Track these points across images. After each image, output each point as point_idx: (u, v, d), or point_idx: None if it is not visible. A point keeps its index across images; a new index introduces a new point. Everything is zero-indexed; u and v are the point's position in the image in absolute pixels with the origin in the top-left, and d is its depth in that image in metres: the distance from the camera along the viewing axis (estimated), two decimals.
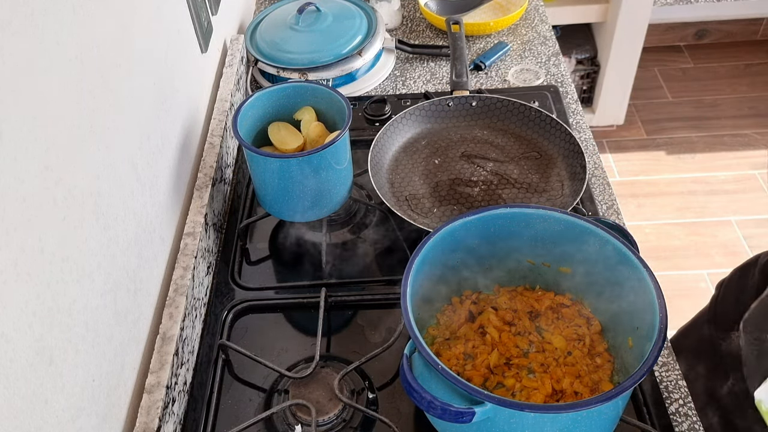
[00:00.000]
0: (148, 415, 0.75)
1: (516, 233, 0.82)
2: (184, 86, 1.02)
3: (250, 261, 1.03)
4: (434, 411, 0.64)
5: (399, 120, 1.13)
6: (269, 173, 0.95)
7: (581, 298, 0.85)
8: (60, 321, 0.61)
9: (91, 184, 0.69)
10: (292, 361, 0.89)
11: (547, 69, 1.35)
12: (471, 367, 0.78)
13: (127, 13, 0.82)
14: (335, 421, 0.82)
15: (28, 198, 0.57)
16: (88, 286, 0.67)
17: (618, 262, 0.76)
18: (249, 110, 0.98)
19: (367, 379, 0.87)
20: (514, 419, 0.64)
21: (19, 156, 0.55)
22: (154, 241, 0.86)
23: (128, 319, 0.77)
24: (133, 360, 0.78)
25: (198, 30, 1.10)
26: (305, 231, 1.06)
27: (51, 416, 0.58)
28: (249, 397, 0.86)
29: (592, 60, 2.58)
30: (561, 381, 0.76)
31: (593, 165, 1.14)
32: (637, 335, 0.74)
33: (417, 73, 1.37)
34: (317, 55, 1.26)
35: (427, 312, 0.84)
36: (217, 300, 0.96)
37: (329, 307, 0.94)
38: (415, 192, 1.06)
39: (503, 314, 0.83)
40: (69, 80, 0.66)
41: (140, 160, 0.83)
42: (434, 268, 0.80)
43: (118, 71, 0.78)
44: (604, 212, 1.07)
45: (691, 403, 0.84)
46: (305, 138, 1.01)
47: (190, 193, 1.01)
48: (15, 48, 0.56)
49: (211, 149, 1.06)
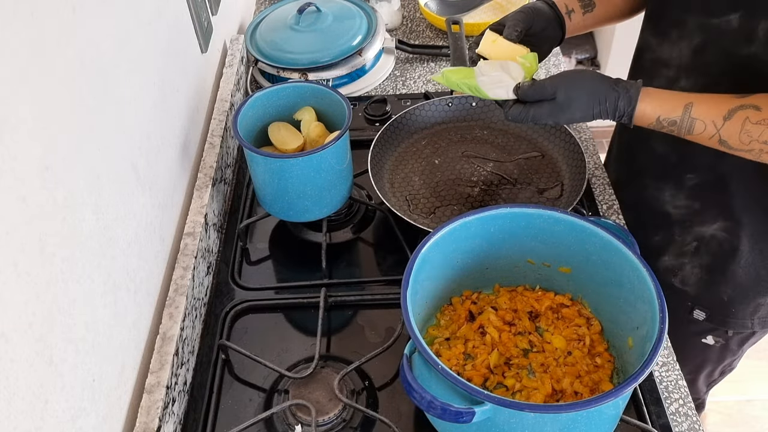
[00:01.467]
0: (148, 415, 0.75)
1: (516, 233, 0.82)
2: (184, 86, 1.02)
3: (250, 261, 1.03)
4: (434, 411, 0.64)
5: (399, 120, 1.13)
6: (269, 173, 0.94)
7: (581, 298, 0.85)
8: (60, 321, 0.61)
9: (91, 184, 0.69)
10: (292, 361, 0.89)
11: (547, 69, 1.35)
12: (471, 367, 0.78)
13: (127, 13, 0.82)
14: (335, 421, 0.82)
15: (28, 198, 0.57)
16: (88, 286, 0.67)
17: (618, 262, 0.76)
18: (249, 110, 0.98)
19: (367, 379, 0.87)
20: (514, 419, 0.64)
21: (19, 156, 0.55)
22: (154, 241, 0.86)
23: (128, 319, 0.77)
24: (133, 360, 0.78)
25: (198, 30, 1.10)
26: (305, 231, 1.06)
27: (51, 416, 0.58)
28: (249, 397, 0.86)
29: (592, 60, 2.58)
30: (561, 381, 0.76)
31: (593, 165, 1.14)
32: (637, 335, 0.74)
33: (417, 73, 1.37)
34: (317, 55, 1.26)
35: (427, 312, 0.84)
36: (217, 300, 0.96)
37: (329, 307, 0.94)
38: (415, 192, 1.06)
39: (503, 314, 0.83)
40: (69, 80, 0.66)
41: (140, 160, 0.83)
42: (434, 268, 0.80)
43: (118, 71, 0.78)
44: (604, 212, 1.07)
45: (691, 403, 0.84)
46: (305, 138, 1.01)
47: (190, 193, 1.01)
48: (15, 48, 0.56)
49: (211, 149, 1.06)
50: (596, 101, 0.81)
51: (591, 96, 0.82)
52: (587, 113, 0.82)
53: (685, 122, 0.80)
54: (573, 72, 0.85)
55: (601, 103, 0.81)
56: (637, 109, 0.81)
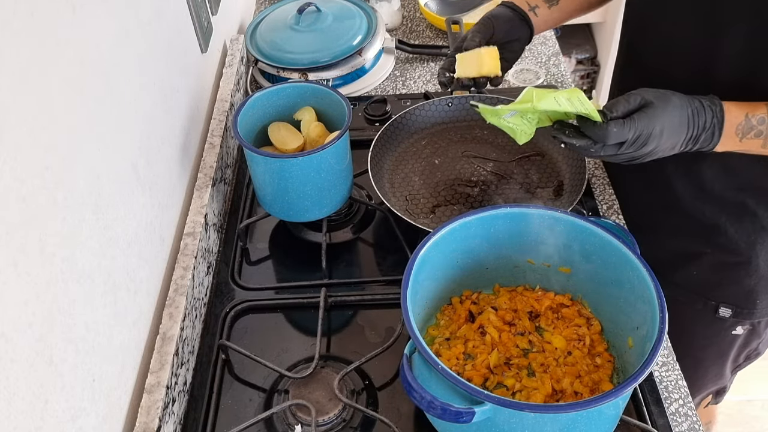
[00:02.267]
0: (148, 415, 0.75)
1: (516, 233, 0.82)
2: (184, 86, 1.02)
3: (250, 261, 1.03)
4: (434, 411, 0.64)
5: (399, 120, 1.13)
6: (269, 173, 0.95)
7: (581, 298, 0.85)
8: (60, 321, 0.61)
9: (91, 184, 0.69)
10: (292, 361, 0.89)
11: (547, 69, 1.35)
12: (471, 367, 0.78)
13: (127, 13, 0.82)
14: (335, 421, 0.82)
15: (28, 198, 0.57)
16: (88, 286, 0.67)
17: (618, 262, 0.76)
18: (249, 110, 0.98)
19: (367, 379, 0.87)
20: (514, 419, 0.64)
21: (19, 156, 0.55)
22: (154, 241, 0.86)
23: (128, 319, 0.77)
24: (133, 360, 0.78)
25: (198, 30, 1.10)
26: (305, 231, 1.06)
27: (51, 416, 0.58)
28: (249, 397, 0.86)
29: (592, 60, 2.58)
30: (561, 381, 0.76)
31: (593, 165, 1.14)
32: (637, 335, 0.74)
33: (417, 73, 1.37)
34: (317, 55, 1.26)
35: (427, 312, 0.84)
36: (217, 300, 0.96)
37: (329, 307, 0.94)
38: (415, 192, 1.06)
39: (503, 314, 0.83)
40: (69, 80, 0.66)
41: (140, 160, 0.83)
42: (434, 268, 0.80)
43: (118, 71, 0.78)
44: (604, 212, 1.07)
45: (691, 403, 0.84)
46: (305, 138, 1.01)
47: (190, 193, 1.01)
48: (15, 48, 0.56)
49: (211, 149, 1.06)
50: (686, 127, 0.75)
51: (681, 124, 0.74)
52: (676, 144, 0.76)
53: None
54: (657, 101, 0.75)
55: (689, 128, 0.75)
56: (726, 112, 0.76)
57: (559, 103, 0.73)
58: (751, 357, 1.20)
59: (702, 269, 1.04)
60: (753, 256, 0.99)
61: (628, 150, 0.75)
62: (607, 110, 0.74)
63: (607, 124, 0.73)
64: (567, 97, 0.74)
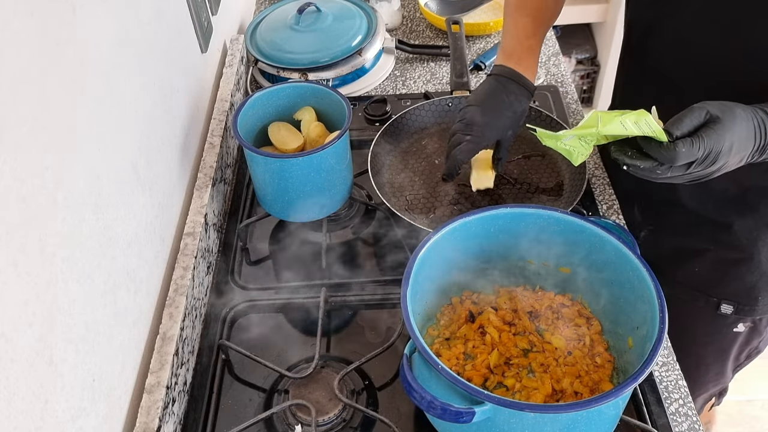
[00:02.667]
0: (148, 415, 0.75)
1: (516, 233, 0.82)
2: (184, 86, 1.02)
3: (250, 261, 1.03)
4: (434, 411, 0.64)
5: (399, 120, 1.13)
6: (269, 173, 0.95)
7: (581, 298, 0.85)
8: (60, 321, 0.61)
9: (91, 184, 0.69)
10: (292, 361, 0.89)
11: (547, 69, 1.35)
12: (471, 367, 0.78)
13: (127, 13, 0.82)
14: (335, 421, 0.82)
15: (28, 198, 0.57)
16: (88, 286, 0.67)
17: (618, 262, 0.76)
18: (249, 110, 0.98)
19: (367, 379, 0.87)
20: (514, 419, 0.64)
21: (19, 156, 0.55)
22: (154, 241, 0.86)
23: (128, 319, 0.77)
24: (133, 360, 0.78)
25: (198, 30, 1.10)
26: (305, 231, 1.06)
27: (51, 416, 0.58)
28: (249, 397, 0.86)
29: (592, 60, 2.58)
30: (561, 381, 0.76)
31: (593, 165, 1.14)
32: (637, 335, 0.74)
33: (417, 73, 1.37)
34: (317, 55, 1.26)
35: (427, 312, 0.84)
36: (217, 300, 0.96)
37: (329, 307, 0.94)
38: (415, 192, 1.06)
39: (503, 314, 0.83)
40: (69, 80, 0.66)
41: (140, 160, 0.83)
42: (434, 268, 0.80)
43: (118, 71, 0.78)
44: (604, 212, 1.07)
45: (691, 403, 0.84)
46: (305, 138, 1.01)
47: (190, 193, 1.01)
48: (15, 48, 0.56)
49: (211, 149, 1.06)
50: (752, 140, 0.71)
51: (748, 137, 0.71)
52: (744, 157, 0.73)
53: None
54: (723, 114, 0.70)
55: (756, 139, 0.71)
56: None
57: (625, 127, 0.70)
58: (752, 355, 1.20)
59: (704, 266, 1.04)
60: (755, 253, 0.99)
61: (696, 169, 0.70)
62: (672, 128, 0.70)
63: (674, 145, 0.68)
64: (634, 120, 0.70)
